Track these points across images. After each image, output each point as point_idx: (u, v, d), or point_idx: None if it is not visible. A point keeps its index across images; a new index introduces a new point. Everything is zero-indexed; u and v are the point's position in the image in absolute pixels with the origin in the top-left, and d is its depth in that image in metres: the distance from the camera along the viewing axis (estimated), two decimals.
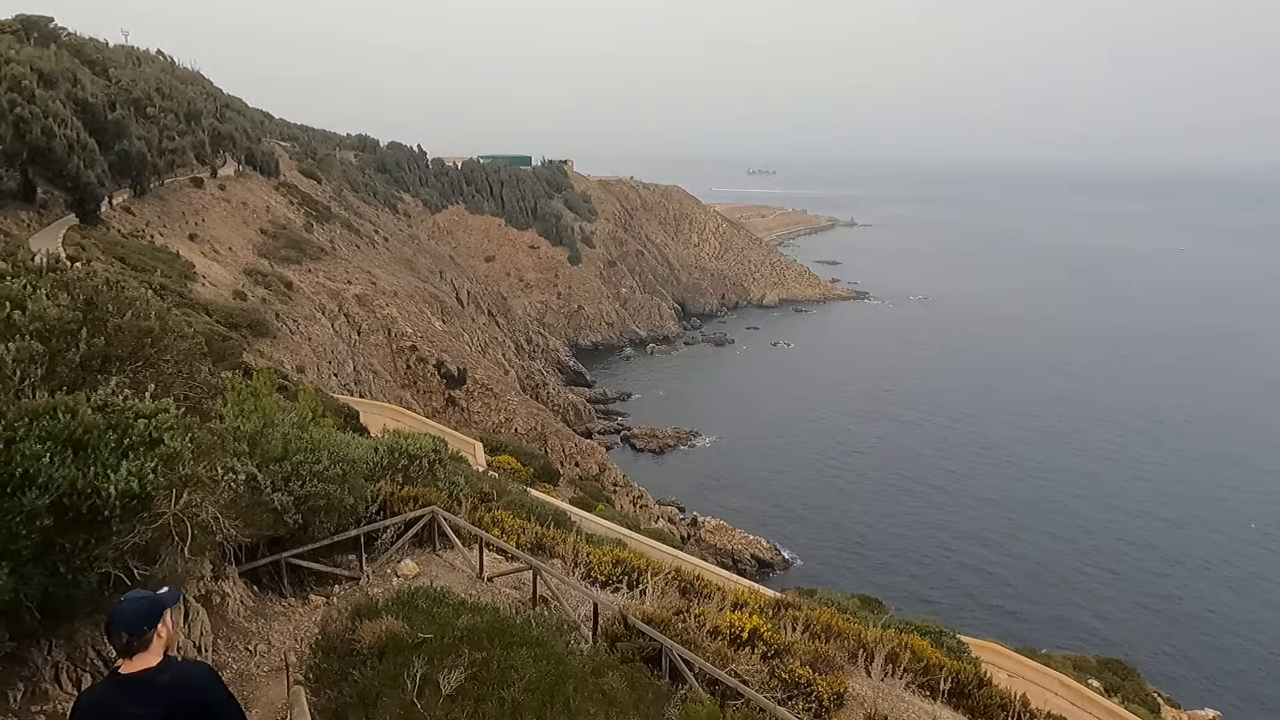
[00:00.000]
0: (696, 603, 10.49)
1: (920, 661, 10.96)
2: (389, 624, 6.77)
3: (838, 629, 11.95)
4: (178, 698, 4.20)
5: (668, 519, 67.53)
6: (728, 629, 9.76)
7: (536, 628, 7.01)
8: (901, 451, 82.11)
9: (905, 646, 11.04)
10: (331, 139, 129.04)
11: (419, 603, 7.13)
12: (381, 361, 69.90)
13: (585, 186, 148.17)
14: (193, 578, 6.63)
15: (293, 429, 9.49)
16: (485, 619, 6.67)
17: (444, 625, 6.70)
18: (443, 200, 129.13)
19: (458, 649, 6.32)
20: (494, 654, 6.25)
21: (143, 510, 4.98)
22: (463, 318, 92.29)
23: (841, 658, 10.60)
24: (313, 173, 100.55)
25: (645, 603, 9.38)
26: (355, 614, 7.07)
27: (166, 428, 5.05)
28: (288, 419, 9.69)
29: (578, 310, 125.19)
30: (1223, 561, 62.90)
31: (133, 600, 4.30)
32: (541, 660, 6.15)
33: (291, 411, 10.16)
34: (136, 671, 4.16)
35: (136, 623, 4.18)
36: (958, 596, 57.66)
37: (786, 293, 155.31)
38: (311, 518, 9.30)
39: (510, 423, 71.06)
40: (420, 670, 6.10)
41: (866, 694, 9.72)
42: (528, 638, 6.51)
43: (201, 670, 4.59)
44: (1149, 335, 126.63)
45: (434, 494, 11.81)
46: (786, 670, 8.56)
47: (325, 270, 75.10)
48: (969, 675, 11.22)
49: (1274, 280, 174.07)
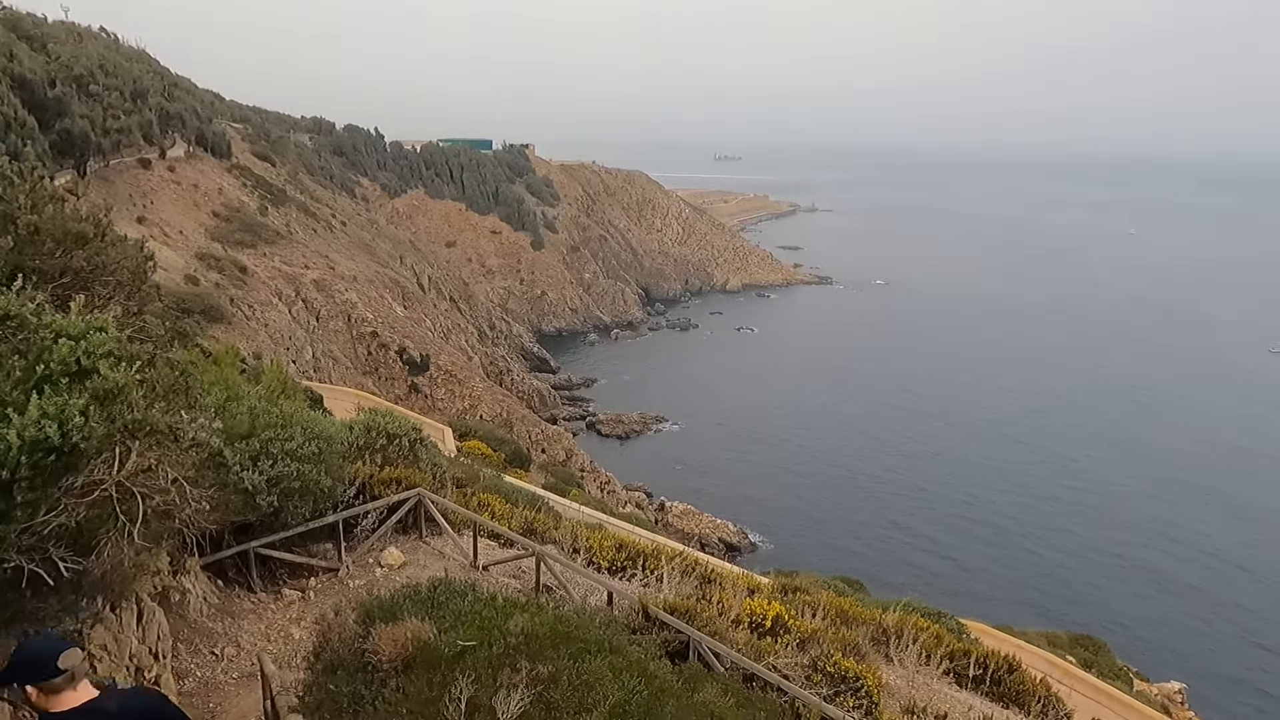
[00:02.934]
0: (709, 589, 9.63)
1: (944, 646, 10.26)
2: (414, 628, 5.33)
3: (854, 614, 11.21)
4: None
5: (635, 504, 66.87)
6: (748, 617, 8.94)
7: (603, 628, 5.83)
8: (862, 434, 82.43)
9: (931, 633, 10.30)
10: (286, 121, 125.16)
11: (447, 599, 5.66)
12: (341, 348, 67.95)
13: (547, 171, 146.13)
14: (146, 572, 5.51)
15: (260, 403, 8.37)
16: (545, 620, 5.37)
17: (488, 628, 5.34)
18: (402, 184, 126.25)
19: (513, 660, 4.96)
20: (562, 666, 4.93)
21: (67, 473, 3.57)
22: (424, 303, 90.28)
23: (866, 645, 9.84)
24: (267, 155, 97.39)
25: (663, 590, 8.47)
26: (365, 615, 5.59)
27: (103, 353, 3.63)
28: (254, 392, 8.57)
29: (541, 296, 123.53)
30: (1179, 536, 63.95)
31: (34, 634, 3.79)
32: (624, 673, 5.00)
33: (257, 385, 9.02)
34: (79, 706, 3.57)
35: (69, 643, 3.63)
36: (924, 577, 57.80)
37: (750, 278, 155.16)
38: (284, 502, 8.18)
39: (475, 409, 69.62)
40: (466, 691, 4.76)
41: (899, 685, 8.96)
42: (600, 643, 5.35)
43: (153, 696, 4.03)
44: (1102, 313, 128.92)
45: (418, 476, 10.74)
46: (830, 663, 7.72)
47: (281, 255, 72.72)
48: (997, 660, 10.56)
49: (1217, 262, 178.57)
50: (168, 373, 4.16)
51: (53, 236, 4.30)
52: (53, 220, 4.31)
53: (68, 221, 4.44)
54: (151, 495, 3.91)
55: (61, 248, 4.32)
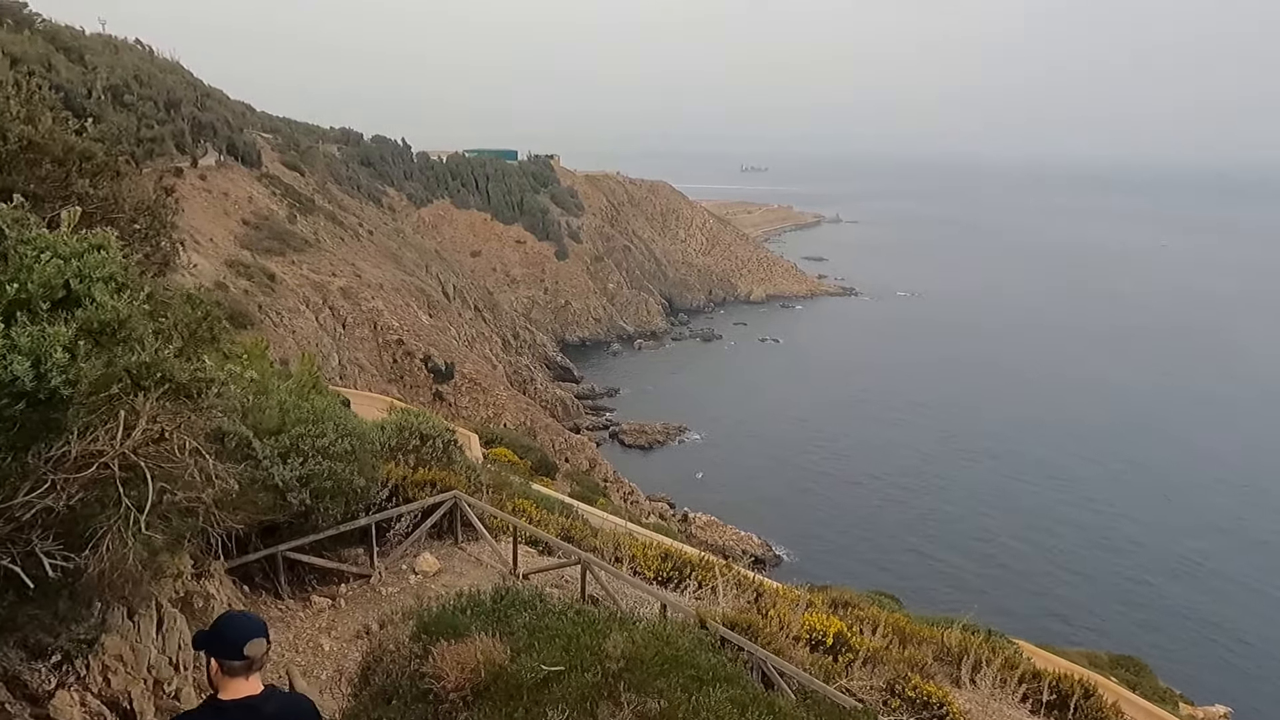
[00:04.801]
0: (762, 603, 8.99)
1: (1016, 669, 9.53)
2: (485, 648, 4.47)
3: (913, 633, 10.50)
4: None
5: (659, 515, 66.16)
6: (807, 634, 8.28)
7: (705, 652, 5.03)
8: (889, 447, 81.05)
9: (1002, 655, 9.57)
10: (314, 132, 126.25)
11: (514, 610, 4.94)
12: (367, 355, 67.95)
13: (572, 181, 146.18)
14: (167, 575, 4.96)
15: (290, 397, 7.85)
16: (649, 641, 4.61)
17: (576, 650, 4.49)
18: (428, 194, 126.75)
19: (612, 691, 4.06)
20: (675, 699, 4.04)
21: (49, 433, 2.67)
22: (449, 312, 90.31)
23: (934, 666, 9.15)
24: (295, 165, 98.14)
25: (719, 603, 7.83)
26: (421, 630, 4.90)
27: (101, 276, 2.81)
28: (284, 386, 8.06)
29: (565, 306, 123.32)
30: (1217, 557, 62.17)
31: (247, 612, 3.73)
32: (750, 709, 4.28)
33: (289, 378, 8.52)
34: (241, 699, 3.43)
35: (265, 631, 3.52)
36: (954, 593, 56.45)
37: (774, 288, 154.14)
38: (315, 502, 7.64)
39: (499, 417, 69.26)
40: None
41: (973, 710, 8.26)
42: (713, 669, 4.62)
43: (308, 704, 3.89)
44: (1134, 328, 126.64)
45: (453, 478, 10.18)
46: (910, 686, 7.04)
47: (309, 262, 72.99)
48: (1070, 684, 9.79)
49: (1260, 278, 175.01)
50: (188, 311, 3.52)
51: (51, 155, 3.67)
52: (52, 134, 3.70)
53: (70, 137, 3.85)
54: (167, 473, 3.24)
55: (63, 169, 3.69)
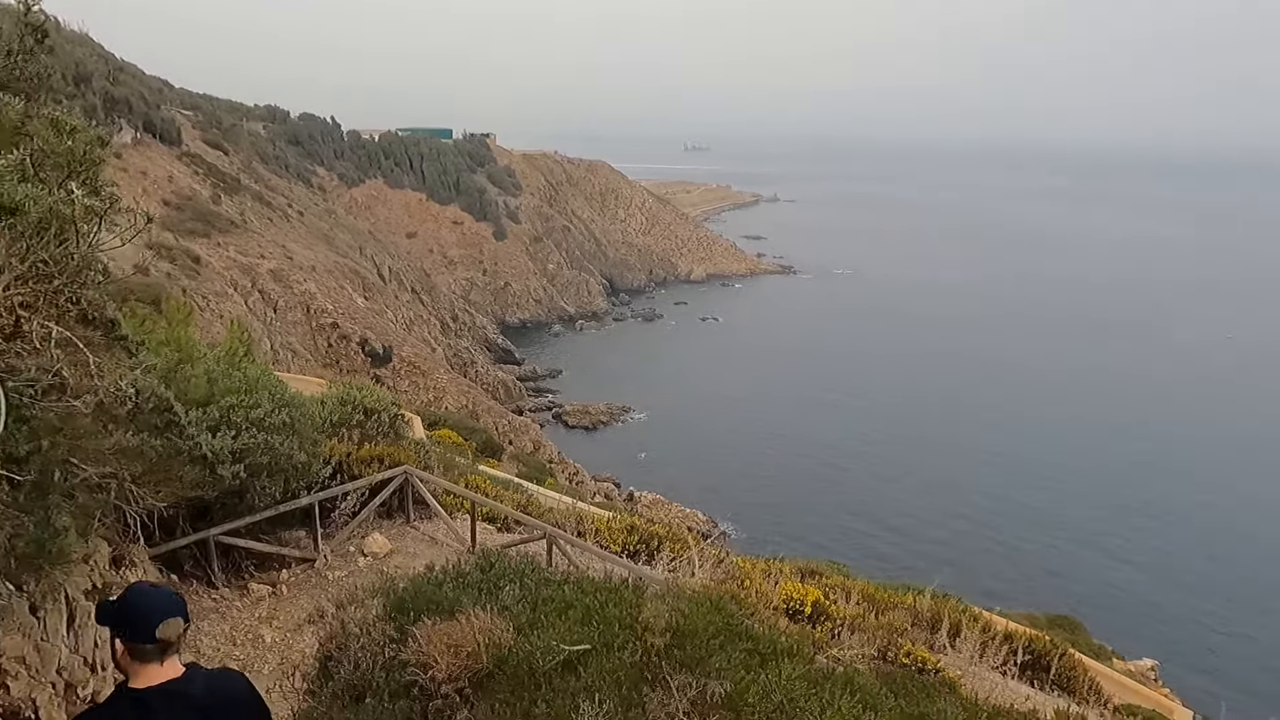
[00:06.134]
0: (737, 574, 8.58)
1: (991, 633, 9.33)
2: (483, 625, 3.56)
3: (882, 599, 10.25)
4: (218, 715, 3.13)
5: (605, 494, 65.97)
6: (784, 603, 7.90)
7: (756, 621, 4.33)
8: (828, 423, 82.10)
9: (982, 620, 9.36)
10: (238, 109, 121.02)
11: (508, 581, 4.01)
12: (301, 340, 65.75)
13: (509, 161, 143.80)
14: (75, 561, 4.23)
15: (219, 365, 7.06)
16: (700, 610, 3.84)
17: (602, 623, 3.64)
18: (360, 174, 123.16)
19: (658, 673, 3.27)
20: (744, 681, 3.29)
21: None
22: (385, 294, 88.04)
23: (911, 633, 8.87)
24: (219, 143, 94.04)
25: (695, 575, 7.37)
26: (396, 608, 3.89)
27: None
28: (212, 354, 7.27)
29: (504, 287, 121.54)
30: (1152, 514, 64.52)
31: (158, 585, 3.15)
32: (834, 689, 3.62)
33: (216, 347, 7.70)
34: (161, 684, 2.98)
35: (185, 608, 3.08)
36: (893, 561, 57.41)
37: (714, 268, 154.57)
38: (250, 480, 6.90)
39: (440, 401, 67.87)
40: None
41: (955, 675, 8.01)
42: (770, 641, 3.96)
43: (240, 680, 3.49)
44: (1065, 304, 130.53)
45: (402, 454, 9.48)
46: (902, 652, 6.70)
47: (236, 244, 70.20)
48: (1044, 645, 9.65)
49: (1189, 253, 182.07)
50: (50, 137, 2.76)
51: None
52: None
53: None
54: (76, 434, 2.52)
55: None
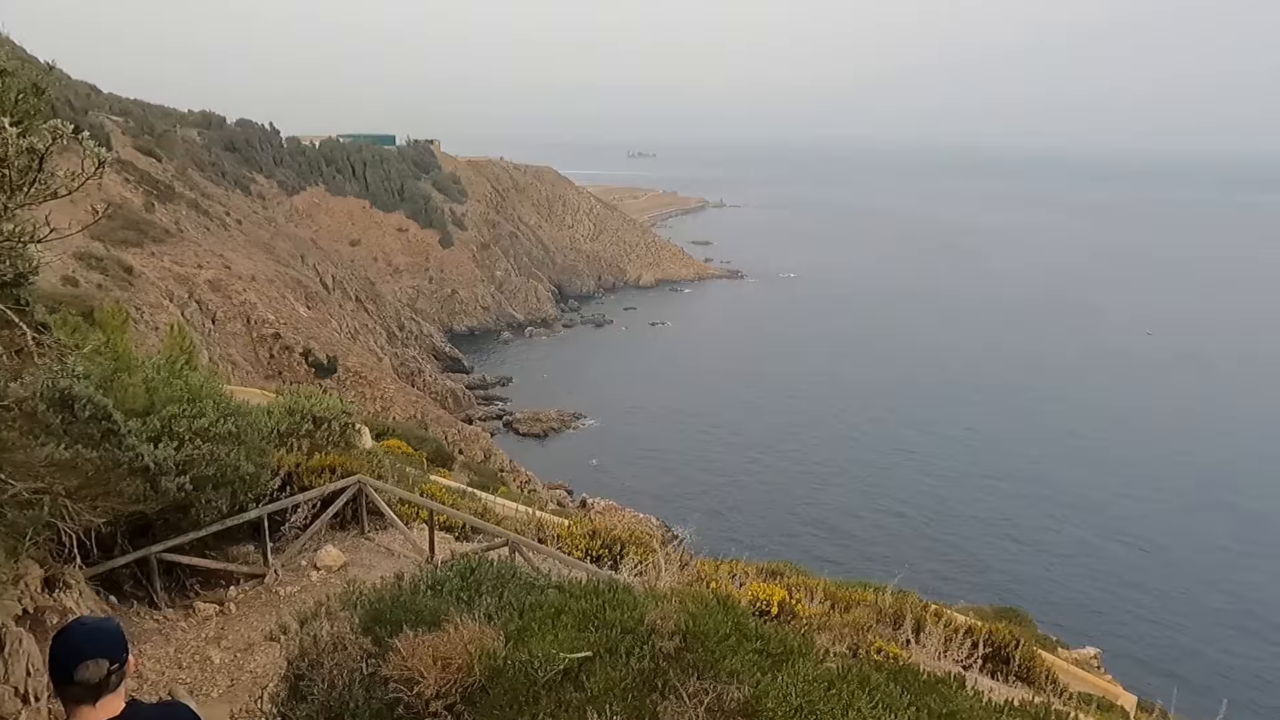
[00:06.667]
0: (703, 576, 8.47)
1: (954, 628, 9.39)
2: (472, 635, 3.28)
3: (844, 598, 10.25)
4: None
5: (558, 502, 65.49)
6: (751, 604, 7.81)
7: (754, 620, 4.12)
8: (778, 425, 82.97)
9: (945, 616, 9.40)
10: (171, 115, 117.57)
11: (489, 588, 3.67)
12: (241, 351, 64.02)
13: (454, 167, 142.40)
14: (4, 584, 3.90)
15: (159, 374, 6.70)
16: (708, 611, 3.58)
17: (601, 628, 3.40)
18: (300, 181, 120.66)
19: (668, 680, 3.07)
20: (761, 685, 3.12)
21: None
22: (329, 304, 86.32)
23: (876, 630, 8.86)
24: (151, 150, 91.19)
25: (661, 579, 7.23)
26: (373, 618, 3.56)
27: None
28: (151, 362, 6.89)
29: (451, 295, 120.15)
30: (1079, 507, 66.31)
31: (90, 622, 2.95)
32: (846, 687, 3.43)
33: (156, 355, 7.31)
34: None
35: (117, 645, 2.87)
36: (844, 561, 58.12)
37: (662, 273, 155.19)
38: (194, 493, 6.54)
39: (388, 411, 66.67)
40: None
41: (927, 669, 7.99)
42: (781, 641, 3.77)
43: (184, 712, 3.27)
44: (1005, 304, 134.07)
45: (354, 463, 9.15)
46: (874, 650, 6.66)
47: (171, 254, 68.13)
48: (1004, 638, 9.76)
49: (1111, 254, 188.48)
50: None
51: None
52: None
53: None
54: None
55: None
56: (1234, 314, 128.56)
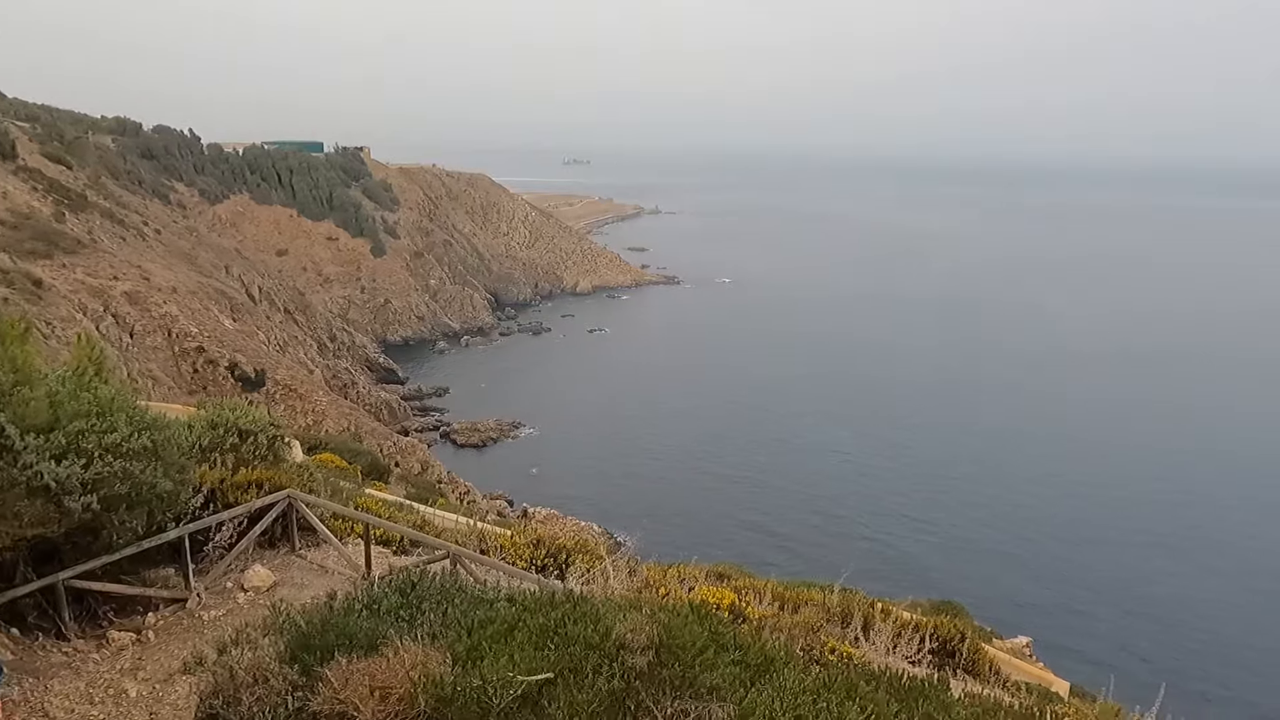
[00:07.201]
0: (651, 583, 8.27)
1: (902, 624, 9.39)
2: (413, 658, 2.87)
3: (791, 598, 10.20)
4: None
5: (498, 512, 64.68)
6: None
7: (726, 628, 3.84)
8: (714, 430, 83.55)
9: (893, 614, 9.40)
10: (83, 121, 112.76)
11: (426, 602, 3.28)
12: (162, 366, 61.54)
13: (385, 174, 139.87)
14: None
15: (65, 387, 6.21)
16: (682, 621, 3.29)
17: (563, 645, 3.02)
18: (224, 190, 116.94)
19: (640, 701, 2.69)
20: (749, 702, 2.68)
21: None
22: (256, 315, 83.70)
23: (826, 629, 8.80)
24: (61, 157, 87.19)
25: (610, 586, 7.01)
26: (299, 645, 3.02)
27: None
28: (55, 375, 6.39)
29: (385, 304, 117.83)
30: (1008, 504, 68.20)
31: None
32: (832, 697, 3.18)
33: (61, 367, 6.79)
34: None
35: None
36: (783, 563, 58.67)
37: (599, 279, 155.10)
38: (105, 513, 6.05)
39: (320, 424, 64.89)
40: None
41: (877, 666, 7.95)
42: (761, 651, 3.51)
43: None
44: (939, 305, 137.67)
45: (283, 477, 8.68)
46: (827, 649, 6.55)
47: (85, 266, 65.17)
48: (950, 631, 9.82)
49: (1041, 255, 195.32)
50: None
51: None
52: None
53: None
54: None
55: None
56: (1160, 312, 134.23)
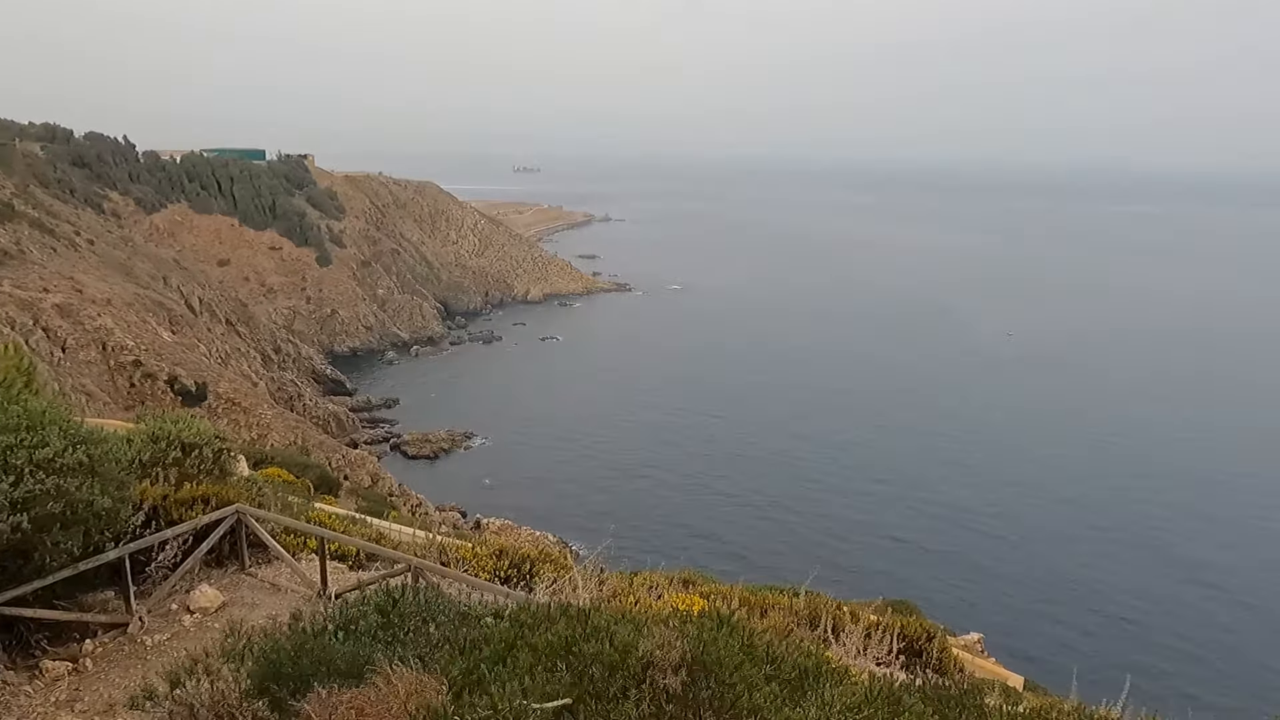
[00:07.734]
0: (620, 591, 8.06)
1: (872, 626, 9.34)
2: (408, 686, 2.45)
3: (758, 602, 10.10)
4: None
5: (451, 524, 63.73)
6: (671, 615, 7.47)
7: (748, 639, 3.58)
8: (667, 437, 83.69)
9: (863, 617, 9.34)
10: (10, 128, 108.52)
11: (419, 625, 2.94)
12: (97, 380, 59.45)
13: (330, 182, 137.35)
14: None
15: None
16: (716, 634, 3.03)
17: (579, 665, 2.71)
18: (161, 199, 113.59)
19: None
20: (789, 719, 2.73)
21: None
22: (197, 327, 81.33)
23: (797, 632, 8.69)
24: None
25: (579, 596, 6.77)
26: (269, 674, 2.54)
27: None
28: None
29: (331, 315, 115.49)
30: (950, 505, 69.39)
31: None
32: (872, 710, 2.94)
33: None
34: None
35: None
36: (736, 568, 58.81)
37: (550, 287, 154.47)
38: (36, 535, 5.63)
39: (265, 438, 63.24)
40: None
41: (849, 668, 7.86)
42: (795, 663, 3.29)
43: None
44: (873, 310, 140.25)
45: (231, 492, 8.27)
46: (804, 654, 6.40)
47: (11, 277, 62.78)
48: (916, 631, 9.80)
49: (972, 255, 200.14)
50: None
51: None
52: None
53: None
54: None
55: None
56: (1095, 320, 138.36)
